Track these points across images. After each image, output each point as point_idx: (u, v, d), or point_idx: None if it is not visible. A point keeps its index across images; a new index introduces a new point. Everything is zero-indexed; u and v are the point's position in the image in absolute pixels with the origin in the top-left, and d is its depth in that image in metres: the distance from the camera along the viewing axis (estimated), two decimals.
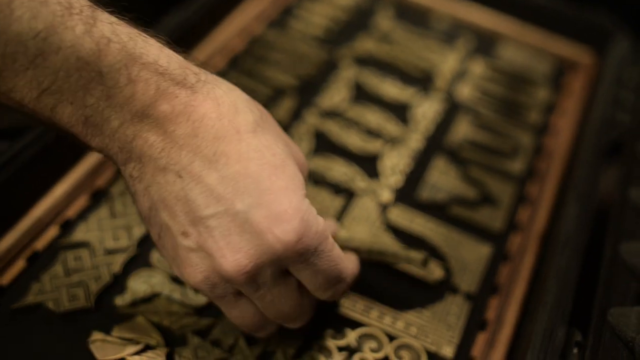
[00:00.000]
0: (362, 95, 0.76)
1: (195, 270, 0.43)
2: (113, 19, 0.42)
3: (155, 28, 0.45)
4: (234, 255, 0.41)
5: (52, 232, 0.56)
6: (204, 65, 0.45)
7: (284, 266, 0.43)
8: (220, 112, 0.42)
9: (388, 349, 0.53)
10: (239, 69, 0.75)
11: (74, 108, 0.41)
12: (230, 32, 0.79)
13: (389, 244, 0.60)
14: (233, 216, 0.41)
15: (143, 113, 0.41)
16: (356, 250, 0.54)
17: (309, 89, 0.75)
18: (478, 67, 0.84)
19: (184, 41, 0.49)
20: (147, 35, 0.43)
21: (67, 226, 0.56)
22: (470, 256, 0.61)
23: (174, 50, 0.43)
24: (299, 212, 0.42)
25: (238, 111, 0.43)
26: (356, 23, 0.87)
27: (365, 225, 0.61)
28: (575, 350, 0.50)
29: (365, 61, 0.81)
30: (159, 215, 0.43)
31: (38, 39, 0.38)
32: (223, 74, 0.73)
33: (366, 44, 0.83)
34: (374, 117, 0.73)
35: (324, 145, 0.69)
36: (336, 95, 0.74)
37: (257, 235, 0.41)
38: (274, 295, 0.44)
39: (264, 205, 0.41)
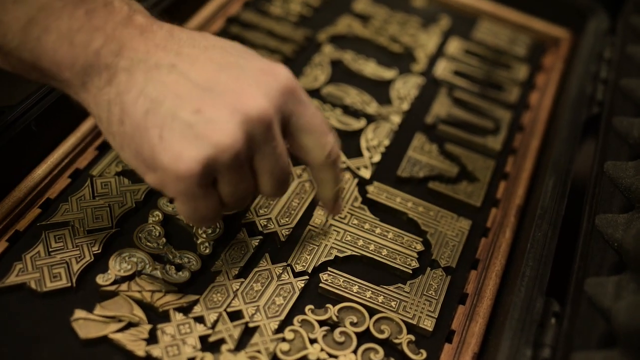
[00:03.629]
0: (341, 74, 0.76)
1: (223, 133, 0.44)
2: None
3: None
4: (254, 99, 0.46)
5: (33, 213, 0.56)
6: None
7: (289, 112, 0.48)
8: (181, 27, 0.50)
9: (368, 323, 0.53)
10: None
11: (59, 34, 0.45)
12: (208, 13, 0.79)
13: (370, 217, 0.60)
14: (236, 77, 0.47)
15: (123, 25, 0.46)
16: None
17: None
18: (457, 46, 0.85)
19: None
20: None
21: (48, 207, 0.56)
22: (450, 231, 0.61)
23: None
24: (280, 63, 0.49)
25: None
26: (335, 4, 0.87)
27: (345, 202, 0.61)
28: (553, 321, 0.51)
29: (345, 41, 0.81)
30: (162, 108, 0.45)
31: None
32: None
33: (345, 25, 0.83)
34: (353, 97, 0.73)
35: None
36: (316, 75, 0.75)
37: (262, 82, 0.47)
38: (281, 149, 0.48)
39: (255, 63, 0.48)
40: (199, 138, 0.44)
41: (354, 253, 0.58)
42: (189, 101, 0.45)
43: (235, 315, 0.52)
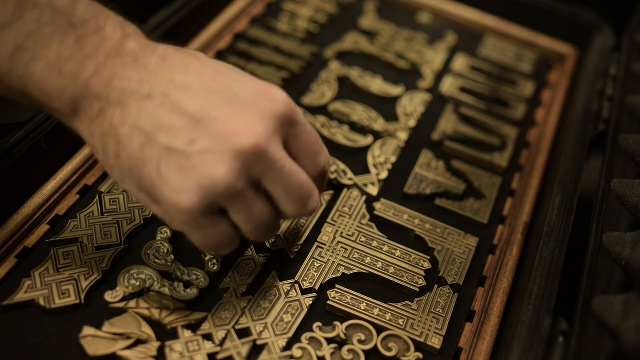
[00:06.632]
0: (348, 91, 0.77)
1: (216, 166, 0.44)
2: None
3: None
4: (246, 127, 0.44)
5: (42, 229, 0.56)
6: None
7: (285, 134, 0.47)
8: (176, 47, 0.48)
9: (376, 340, 0.53)
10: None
11: (47, 62, 0.44)
12: (215, 30, 0.79)
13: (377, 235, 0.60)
14: (229, 102, 0.45)
15: (115, 52, 0.45)
16: None
17: (295, 86, 0.75)
18: (463, 63, 0.85)
19: (172, 39, 0.51)
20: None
21: (57, 223, 0.57)
22: (457, 248, 0.61)
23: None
24: (276, 85, 0.48)
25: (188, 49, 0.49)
26: (341, 21, 0.88)
27: (353, 219, 0.62)
28: (561, 339, 0.51)
29: (351, 58, 0.82)
30: (157, 142, 0.44)
31: None
32: None
33: (352, 42, 0.84)
34: (360, 113, 0.73)
35: None
36: (322, 91, 0.75)
37: (257, 107, 0.45)
38: (290, 168, 0.47)
39: (249, 87, 0.47)
40: (195, 169, 0.44)
41: (362, 271, 0.58)
42: (183, 132, 0.44)
43: (243, 333, 0.52)
